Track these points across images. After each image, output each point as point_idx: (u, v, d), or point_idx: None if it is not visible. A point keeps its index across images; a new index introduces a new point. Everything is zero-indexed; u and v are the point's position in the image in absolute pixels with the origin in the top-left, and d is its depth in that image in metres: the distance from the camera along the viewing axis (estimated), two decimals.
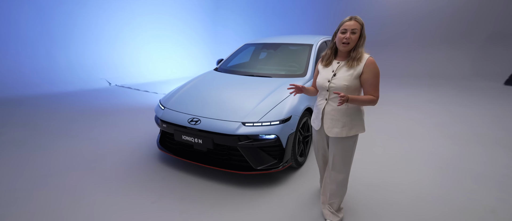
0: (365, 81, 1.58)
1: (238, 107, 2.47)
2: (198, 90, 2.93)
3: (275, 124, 2.30)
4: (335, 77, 1.62)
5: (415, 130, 3.73)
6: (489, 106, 4.73)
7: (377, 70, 1.57)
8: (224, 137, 2.27)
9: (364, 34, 1.56)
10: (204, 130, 2.33)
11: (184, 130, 2.42)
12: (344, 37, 1.55)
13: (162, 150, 2.72)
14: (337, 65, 1.64)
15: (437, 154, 3.00)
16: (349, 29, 1.54)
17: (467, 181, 2.45)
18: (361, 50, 1.57)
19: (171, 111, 2.62)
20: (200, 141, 2.36)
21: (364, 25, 1.57)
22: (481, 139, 3.38)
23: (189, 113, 2.50)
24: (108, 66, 7.49)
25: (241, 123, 2.28)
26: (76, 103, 5.14)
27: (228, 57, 3.89)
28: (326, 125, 1.71)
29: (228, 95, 2.73)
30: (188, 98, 2.77)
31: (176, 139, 2.51)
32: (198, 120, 2.39)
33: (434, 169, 2.67)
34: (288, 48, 3.68)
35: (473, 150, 3.08)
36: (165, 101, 2.82)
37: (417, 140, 3.39)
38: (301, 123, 2.61)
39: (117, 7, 7.84)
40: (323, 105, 1.71)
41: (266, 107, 2.42)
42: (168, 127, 2.54)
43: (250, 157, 2.33)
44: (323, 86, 1.67)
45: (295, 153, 2.53)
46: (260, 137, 2.27)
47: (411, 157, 2.95)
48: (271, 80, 2.97)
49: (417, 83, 6.74)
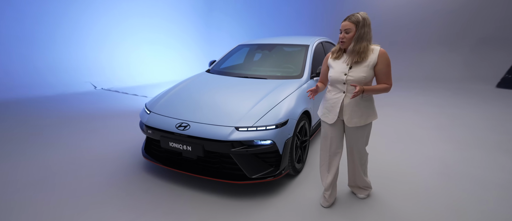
0: (379, 71, 1.69)
1: (231, 111, 2.28)
2: (188, 93, 2.72)
3: (271, 128, 2.12)
4: (352, 69, 1.70)
5: (414, 133, 3.61)
6: (485, 109, 4.68)
7: (389, 60, 1.69)
8: (216, 143, 2.08)
9: (360, 31, 1.63)
10: (194, 136, 2.13)
11: (172, 136, 2.21)
12: (340, 37, 1.70)
13: (148, 158, 2.49)
14: (350, 59, 1.72)
15: (439, 158, 2.87)
16: (343, 29, 1.67)
17: (474, 188, 2.32)
18: (359, 45, 1.65)
19: (157, 116, 2.41)
20: (189, 148, 2.16)
21: (362, 22, 1.62)
22: (482, 142, 3.28)
23: (177, 118, 2.29)
24: (95, 70, 7.18)
25: (234, 128, 2.09)
26: (54, 107, 4.83)
27: (221, 58, 3.71)
28: (346, 117, 1.79)
29: (221, 98, 2.55)
30: (177, 102, 2.57)
31: (162, 146, 2.30)
32: (187, 125, 2.19)
33: (437, 175, 2.53)
34: (283, 49, 3.52)
35: (476, 155, 2.96)
36: (151, 105, 2.61)
37: (417, 144, 3.26)
38: (299, 127, 2.43)
39: (105, 9, 7.57)
40: (342, 98, 1.78)
41: (261, 110, 2.24)
42: (154, 133, 2.33)
43: (244, 164, 2.14)
44: (339, 80, 1.74)
45: (292, 159, 2.35)
46: (254, 142, 2.09)
47: (413, 162, 2.81)
48: (266, 82, 2.80)
49: (412, 86, 6.69)
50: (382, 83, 1.70)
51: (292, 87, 2.63)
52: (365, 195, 2.18)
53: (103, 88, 6.48)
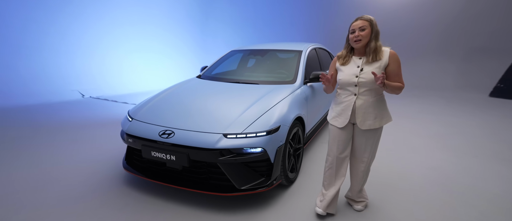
0: (391, 72, 1.66)
1: (219, 117, 2.15)
2: (174, 99, 2.58)
3: (261, 135, 1.98)
4: (363, 71, 1.68)
5: (412, 142, 3.51)
6: (481, 117, 4.63)
7: (399, 61, 1.67)
8: (202, 152, 1.92)
9: (376, 29, 1.64)
10: (178, 144, 1.97)
11: (154, 145, 2.05)
12: (354, 36, 1.65)
13: (128, 170, 2.29)
14: (361, 61, 1.71)
15: (439, 169, 2.74)
16: (357, 28, 1.64)
17: (478, 202, 2.19)
18: (376, 43, 1.64)
19: (139, 123, 2.25)
20: (173, 158, 1.99)
21: (374, 20, 1.64)
22: (481, 151, 3.18)
23: (161, 125, 2.14)
24: (85, 78, 6.97)
25: (222, 135, 1.95)
26: (35, 117, 4.57)
27: (212, 64, 3.59)
28: (359, 119, 1.74)
29: (209, 104, 2.41)
30: (162, 108, 2.42)
31: (144, 156, 2.12)
32: (172, 133, 2.03)
33: (438, 187, 2.39)
34: (276, 54, 3.43)
35: (473, 164, 2.85)
36: (134, 112, 2.45)
37: (415, 153, 3.15)
38: (291, 133, 2.30)
39: (96, 17, 7.44)
40: (353, 101, 1.73)
41: (251, 116, 2.11)
42: (135, 142, 2.16)
43: (233, 175, 1.98)
44: (351, 82, 1.71)
45: (285, 168, 2.21)
46: (244, 150, 1.94)
47: (412, 172, 2.68)
48: (257, 87, 2.68)
49: (406, 94, 6.66)
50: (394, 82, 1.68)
51: (285, 93, 2.52)
52: (363, 207, 2.06)
53: (91, 96, 6.28)
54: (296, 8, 9.71)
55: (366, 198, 2.07)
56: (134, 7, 8.48)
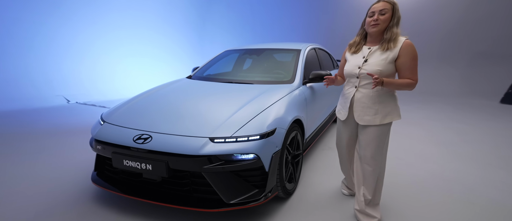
0: (401, 66, 1.49)
1: (206, 119, 1.86)
2: (156, 100, 2.29)
3: (254, 139, 1.69)
4: (367, 63, 1.55)
5: (422, 149, 3.21)
6: (494, 125, 4.31)
7: (415, 53, 1.47)
8: (184, 159, 1.62)
9: (398, 14, 1.48)
10: (156, 151, 1.67)
11: (127, 152, 1.74)
12: (372, 19, 1.50)
13: (97, 183, 1.95)
14: (368, 51, 1.58)
15: (459, 181, 2.42)
16: (377, 11, 1.49)
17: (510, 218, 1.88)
18: (395, 30, 1.48)
19: (111, 127, 1.95)
20: (150, 167, 1.69)
21: (397, 4, 1.49)
22: (504, 162, 2.83)
23: (137, 128, 1.84)
24: (73, 83, 6.67)
25: (208, 139, 1.65)
26: (8, 123, 4.18)
27: (204, 64, 3.33)
28: (357, 113, 1.63)
29: (196, 104, 2.13)
30: (140, 110, 2.12)
31: (115, 166, 1.81)
32: (149, 137, 1.74)
33: (464, 203, 2.05)
34: (273, 54, 3.17)
35: (500, 176, 2.52)
36: (107, 115, 2.14)
37: (427, 162, 2.84)
38: (289, 138, 2.01)
39: (88, 20, 7.22)
40: (352, 93, 1.64)
41: (243, 118, 1.82)
42: (105, 149, 1.85)
43: (221, 186, 1.67)
44: (353, 74, 1.61)
45: (282, 178, 1.90)
46: (234, 157, 1.64)
47: (428, 184, 2.36)
48: (252, 87, 2.40)
49: (409, 100, 6.39)
50: (405, 78, 1.51)
51: (282, 93, 2.24)
52: None
53: (78, 102, 5.95)
54: (295, 11, 9.58)
55: (377, 216, 1.72)
56: (129, 11, 8.32)
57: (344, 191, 2.15)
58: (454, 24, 7.34)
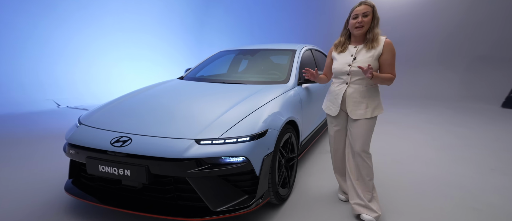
0: (384, 62, 1.62)
1: (193, 119, 1.74)
2: (141, 101, 2.16)
3: (243, 140, 1.57)
4: (356, 61, 1.65)
5: (422, 153, 3.09)
6: (496, 129, 4.19)
7: (394, 50, 1.62)
8: (166, 163, 1.49)
9: (377, 16, 1.61)
10: (135, 154, 1.54)
11: (103, 156, 1.60)
12: (356, 21, 1.61)
13: (71, 193, 1.76)
14: (355, 49, 1.68)
15: (460, 185, 2.30)
16: (360, 13, 1.60)
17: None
18: (377, 31, 1.61)
19: (87, 129, 1.81)
20: (128, 172, 1.54)
21: (375, 7, 1.61)
22: (507, 166, 2.72)
23: (116, 130, 1.70)
24: (66, 87, 6.52)
25: (194, 141, 1.53)
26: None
27: (198, 65, 3.23)
28: (349, 108, 1.71)
29: (183, 105, 2.02)
30: (122, 111, 2.00)
31: (89, 172, 1.65)
32: (128, 140, 1.60)
33: (465, 208, 1.94)
34: (267, 54, 3.08)
35: (503, 181, 2.40)
36: (85, 118, 1.98)
37: (428, 166, 2.73)
38: (282, 140, 1.89)
39: (83, 23, 7.13)
40: (344, 89, 1.72)
41: (232, 118, 1.70)
42: (79, 154, 1.70)
43: (207, 193, 1.55)
44: (343, 71, 1.70)
45: (274, 182, 1.78)
46: (221, 160, 1.53)
47: (428, 188, 2.25)
48: (244, 87, 2.30)
49: (409, 104, 6.30)
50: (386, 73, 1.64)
51: (275, 93, 2.13)
52: (373, 218, 1.69)
53: (68, 106, 5.78)
54: (293, 14, 9.54)
55: (377, 211, 1.71)
56: (126, 14, 8.26)
57: (340, 196, 2.05)
58: (454, 27, 7.29)
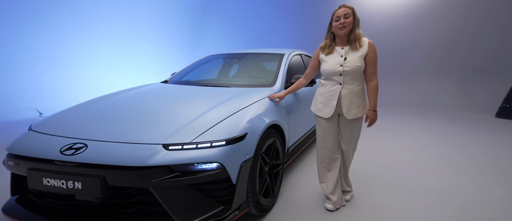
0: (369, 61, 1.71)
1: (164, 123, 1.60)
2: (108, 104, 1.97)
3: (218, 145, 1.44)
4: (347, 61, 1.70)
5: (417, 162, 2.96)
6: (489, 138, 4.06)
7: (376, 51, 1.72)
8: (127, 173, 1.31)
9: (357, 17, 1.70)
10: (89, 163, 1.33)
11: (48, 167, 1.37)
12: (339, 23, 1.68)
13: (9, 215, 1.47)
14: (343, 50, 1.73)
15: (454, 196, 2.17)
16: (342, 15, 1.67)
17: None
18: (358, 31, 1.70)
19: (36, 136, 1.57)
20: (78, 185, 1.32)
21: (354, 9, 1.70)
22: (502, 177, 2.59)
23: (70, 136, 1.50)
24: (54, 96, 6.32)
25: (161, 146, 1.38)
26: None
27: (183, 69, 3.12)
28: (345, 109, 1.74)
29: (156, 108, 1.87)
30: (83, 115, 1.80)
31: (31, 187, 1.40)
32: (83, 146, 1.40)
33: (458, 220, 1.81)
34: (255, 57, 2.98)
35: (498, 192, 2.27)
36: (38, 124, 1.73)
37: (421, 175, 2.59)
38: (265, 145, 1.76)
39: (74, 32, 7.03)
40: (339, 90, 1.75)
41: (208, 121, 1.57)
42: (18, 166, 1.45)
43: (174, 205, 1.37)
44: (335, 72, 1.73)
45: (255, 191, 1.64)
46: (193, 167, 1.38)
47: (420, 199, 2.11)
48: (227, 90, 2.18)
49: (403, 112, 6.20)
50: (370, 75, 1.74)
51: (260, 96, 2.02)
52: (350, 197, 2.05)
53: None
54: (289, 23, 9.57)
55: (351, 189, 2.07)
56: (119, 23, 8.21)
57: (327, 205, 1.93)
58: (449, 38, 7.29)
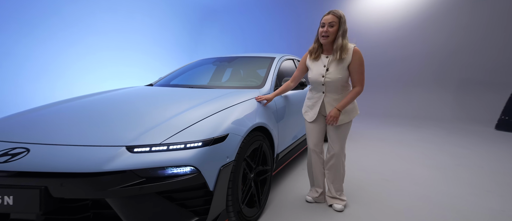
0: (352, 70, 1.67)
1: (132, 124, 1.41)
2: (70, 107, 1.73)
3: (193, 146, 1.28)
4: (329, 71, 1.70)
5: (415, 172, 2.80)
6: (490, 150, 3.90)
7: (362, 58, 1.66)
8: (75, 182, 1.08)
9: (344, 27, 1.64)
10: (29, 172, 1.09)
11: None
12: (322, 30, 1.66)
13: None
14: (327, 60, 1.72)
15: (455, 208, 2.00)
16: (327, 23, 1.64)
17: None
18: (342, 41, 1.63)
19: None
20: (10, 201, 1.06)
21: (343, 17, 1.64)
22: (504, 189, 2.42)
23: (10, 140, 1.27)
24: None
25: (124, 148, 1.19)
26: None
27: (171, 72, 3.00)
28: None
29: (126, 108, 1.68)
30: (33, 119, 1.56)
31: None
32: (24, 151, 1.18)
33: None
34: (246, 61, 2.87)
35: (503, 205, 2.11)
36: None
37: (419, 185, 2.43)
38: (250, 149, 1.60)
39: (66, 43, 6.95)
40: (322, 98, 1.79)
41: (185, 121, 1.42)
42: None
43: (137, 217, 1.16)
44: (318, 81, 1.75)
45: (236, 200, 1.46)
46: (161, 172, 1.20)
47: (418, 210, 1.95)
48: (213, 91, 2.05)
49: (401, 123, 6.08)
50: (354, 82, 1.70)
51: (246, 96, 1.88)
52: (343, 206, 1.91)
53: None
54: (287, 34, 9.60)
55: (344, 199, 1.96)
56: (114, 34, 8.16)
57: (308, 197, 2.04)
58: (451, 47, 7.27)
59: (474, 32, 6.93)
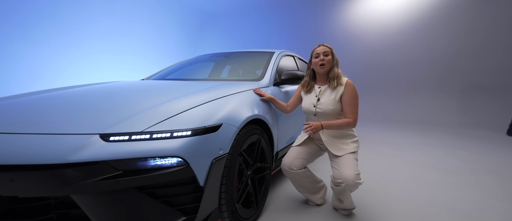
0: (344, 102, 1.61)
1: (109, 111, 1.23)
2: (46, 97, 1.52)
3: (181, 135, 1.11)
4: (320, 102, 1.67)
5: (422, 175, 2.61)
6: (504, 155, 3.66)
7: (355, 92, 1.61)
8: (30, 175, 0.91)
9: (336, 57, 1.69)
10: None
11: None
12: (319, 60, 1.66)
13: None
14: (319, 90, 1.70)
15: (468, 213, 1.82)
16: (321, 52, 1.67)
17: None
18: (337, 70, 1.66)
19: None
20: None
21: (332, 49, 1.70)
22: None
23: None
24: None
25: (98, 136, 1.02)
26: None
27: (167, 67, 2.85)
28: (330, 147, 1.63)
29: (107, 97, 1.50)
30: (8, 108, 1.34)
31: None
32: None
33: None
34: (245, 56, 2.73)
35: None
36: None
37: (432, 190, 2.24)
38: (246, 142, 1.43)
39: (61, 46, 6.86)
40: None
41: (174, 109, 1.24)
42: None
43: (110, 218, 0.99)
44: (310, 111, 1.72)
45: (230, 198, 1.29)
46: (142, 164, 1.02)
47: (428, 214, 1.76)
48: (208, 83, 1.88)
49: (404, 127, 5.91)
50: (346, 114, 1.61)
51: (243, 87, 1.72)
52: (348, 212, 1.74)
53: None
54: (287, 39, 9.53)
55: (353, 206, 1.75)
56: (111, 37, 8.09)
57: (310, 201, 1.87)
58: (453, 52, 7.16)
59: (477, 36, 6.83)
